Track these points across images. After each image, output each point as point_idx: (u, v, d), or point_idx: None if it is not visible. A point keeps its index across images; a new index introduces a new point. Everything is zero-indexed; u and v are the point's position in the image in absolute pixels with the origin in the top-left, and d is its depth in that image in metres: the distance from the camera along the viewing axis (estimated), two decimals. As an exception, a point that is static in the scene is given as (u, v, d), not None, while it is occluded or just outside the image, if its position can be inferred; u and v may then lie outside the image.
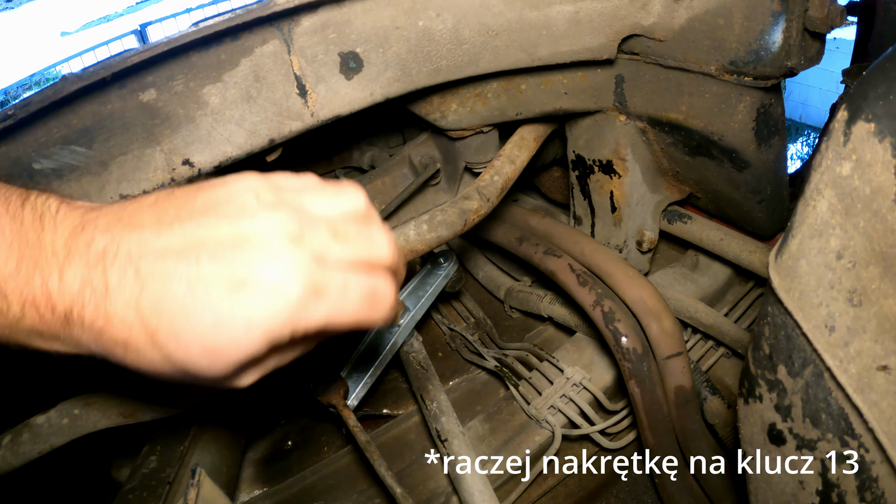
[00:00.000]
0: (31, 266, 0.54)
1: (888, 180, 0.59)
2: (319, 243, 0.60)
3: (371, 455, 1.10)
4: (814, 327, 0.68)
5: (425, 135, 1.48)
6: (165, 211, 0.57)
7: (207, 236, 0.56)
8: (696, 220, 1.50)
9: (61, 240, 0.55)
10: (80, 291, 0.54)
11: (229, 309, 0.55)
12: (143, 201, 0.59)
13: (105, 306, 0.54)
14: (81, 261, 0.54)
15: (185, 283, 0.55)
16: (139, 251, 0.55)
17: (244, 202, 0.59)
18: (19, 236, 0.54)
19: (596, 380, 1.34)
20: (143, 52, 0.86)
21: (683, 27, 1.13)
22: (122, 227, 0.56)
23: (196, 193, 0.59)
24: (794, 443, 0.76)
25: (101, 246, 0.55)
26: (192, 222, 0.57)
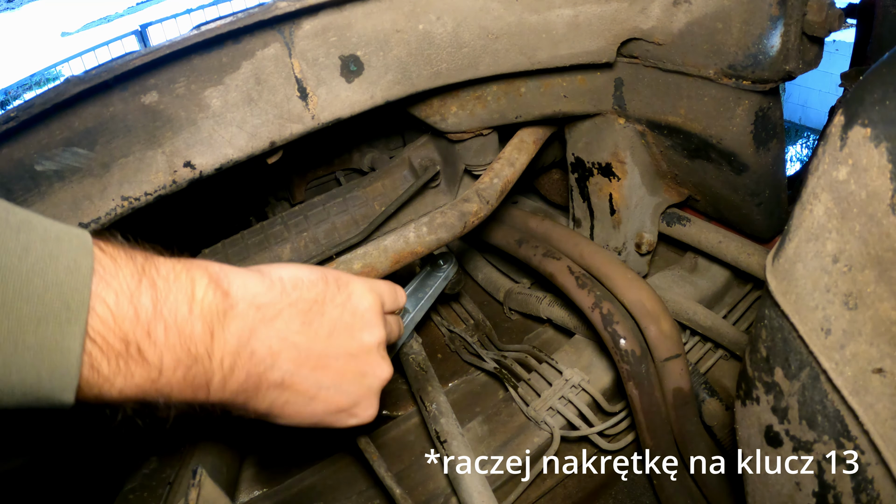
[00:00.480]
0: (199, 376, 0.61)
1: (884, 185, 0.59)
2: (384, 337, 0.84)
3: (370, 456, 1.10)
4: (810, 330, 0.69)
5: (425, 137, 1.48)
6: (317, 332, 0.73)
7: (338, 373, 0.77)
8: (694, 223, 1.51)
9: (229, 351, 0.64)
10: (235, 393, 0.66)
11: (328, 420, 0.80)
12: (297, 307, 0.72)
13: (247, 403, 0.69)
14: (243, 371, 0.66)
15: (310, 400, 0.75)
16: (291, 368, 0.71)
17: (369, 347, 0.80)
18: (189, 352, 0.60)
19: (595, 381, 1.35)
20: (145, 55, 0.87)
21: (682, 31, 1.14)
22: (280, 343, 0.69)
23: (340, 317, 0.77)
24: (791, 444, 0.76)
25: (260, 358, 0.67)
26: (332, 356, 0.76)
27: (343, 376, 0.77)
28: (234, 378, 0.64)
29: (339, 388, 0.77)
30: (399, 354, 1.38)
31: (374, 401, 0.84)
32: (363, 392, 0.80)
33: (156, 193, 0.96)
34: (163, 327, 0.57)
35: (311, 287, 0.74)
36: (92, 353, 0.53)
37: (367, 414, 0.83)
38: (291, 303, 0.71)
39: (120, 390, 0.56)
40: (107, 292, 0.54)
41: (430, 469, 1.25)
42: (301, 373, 0.72)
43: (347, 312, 0.77)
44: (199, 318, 0.60)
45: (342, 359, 0.76)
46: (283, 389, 0.71)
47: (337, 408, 0.78)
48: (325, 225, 1.37)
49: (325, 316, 0.74)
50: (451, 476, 1.13)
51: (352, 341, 0.77)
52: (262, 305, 0.68)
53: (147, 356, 0.56)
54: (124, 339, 0.55)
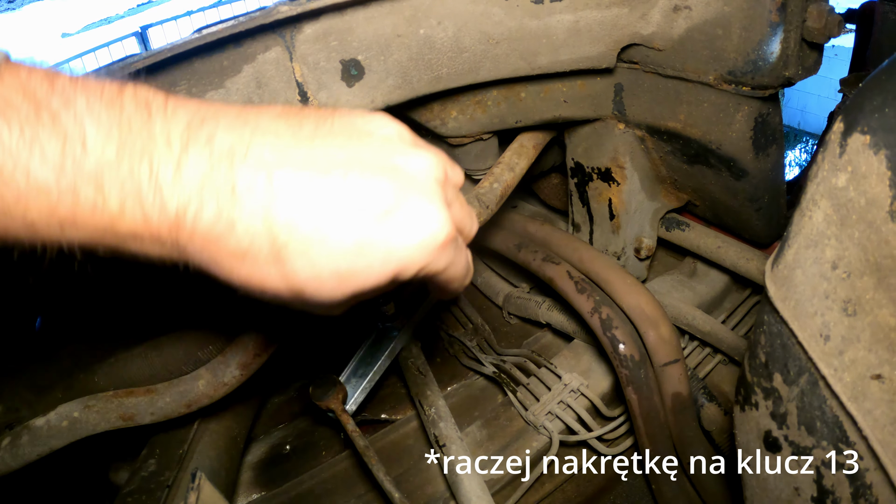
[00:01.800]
0: (136, 155, 0.45)
1: (883, 192, 0.59)
2: (453, 198, 0.60)
3: (369, 460, 1.10)
4: (809, 336, 0.69)
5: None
6: (300, 124, 0.53)
7: (354, 157, 0.53)
8: (693, 228, 1.51)
9: (177, 130, 0.47)
10: (199, 189, 0.47)
11: (372, 235, 0.51)
12: (267, 111, 0.53)
13: (229, 210, 0.48)
14: (202, 155, 0.47)
15: (327, 199, 0.50)
16: (274, 158, 0.50)
17: (388, 136, 0.57)
18: (119, 122, 0.45)
19: (593, 386, 1.35)
20: (147, 58, 0.87)
21: (682, 37, 1.14)
22: (249, 129, 0.50)
23: (330, 116, 0.56)
24: (790, 450, 0.76)
25: (225, 144, 0.48)
26: (334, 140, 0.53)
27: (358, 164, 0.52)
28: (192, 161, 0.47)
29: (360, 173, 0.52)
30: (398, 358, 1.38)
31: (433, 200, 0.54)
32: (401, 184, 0.53)
33: (156, 196, 0.96)
34: (84, 99, 0.45)
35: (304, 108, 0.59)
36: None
37: (428, 218, 0.54)
38: (268, 111, 0.54)
39: (25, 169, 0.43)
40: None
41: (428, 473, 1.25)
42: (292, 164, 0.50)
43: (350, 123, 0.56)
44: (131, 97, 0.47)
45: (350, 146, 0.54)
46: (272, 186, 0.49)
47: (372, 208, 0.51)
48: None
49: (322, 122, 0.55)
50: (450, 480, 1.13)
51: (355, 132, 0.56)
52: (217, 105, 0.52)
53: (62, 121, 0.43)
54: (33, 102, 0.43)
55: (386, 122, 0.58)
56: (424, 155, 0.56)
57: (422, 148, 0.57)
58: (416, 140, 0.59)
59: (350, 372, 1.23)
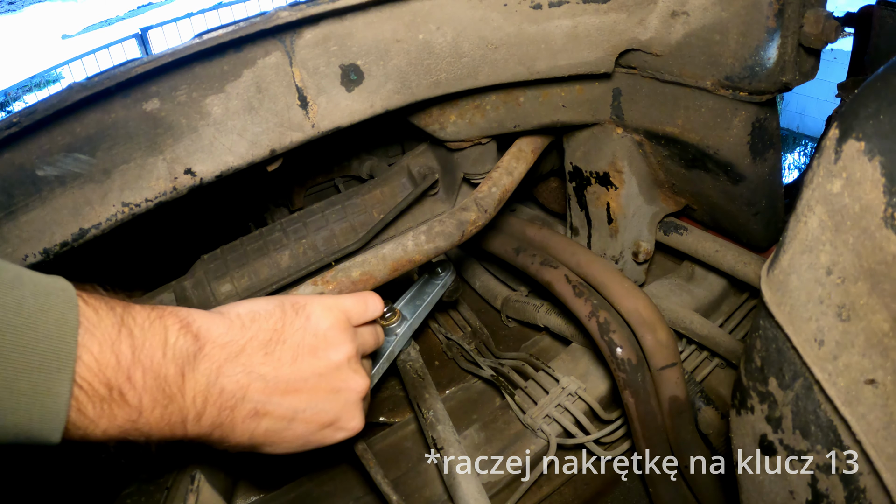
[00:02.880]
0: (174, 414, 0.67)
1: (877, 198, 0.60)
2: None
3: (367, 462, 1.10)
4: (804, 341, 0.69)
5: (424, 145, 1.49)
6: (281, 363, 0.78)
7: (313, 390, 0.81)
8: (691, 232, 1.52)
9: (200, 391, 0.69)
10: (210, 428, 0.72)
11: (315, 439, 0.85)
12: (257, 340, 0.77)
13: (228, 436, 0.74)
14: (215, 407, 0.71)
15: (289, 422, 0.79)
16: (262, 400, 0.76)
17: (338, 363, 0.83)
18: (164, 392, 0.66)
19: (591, 390, 1.35)
20: (148, 63, 0.87)
21: (680, 42, 1.14)
22: (247, 377, 0.74)
23: (301, 343, 0.81)
24: (785, 453, 0.77)
25: (230, 393, 0.72)
26: (301, 379, 0.80)
27: (316, 395, 0.81)
28: (207, 414, 0.70)
29: (315, 407, 0.81)
30: (396, 361, 1.38)
31: (356, 412, 0.87)
32: (341, 406, 0.85)
33: (156, 200, 0.96)
34: (141, 372, 0.63)
35: (268, 318, 0.79)
36: (78, 398, 0.59)
37: (352, 426, 0.87)
38: (252, 336, 0.76)
39: (104, 430, 0.62)
40: (91, 342, 0.60)
41: (426, 476, 1.26)
42: (273, 400, 0.77)
43: (309, 334, 0.82)
44: (172, 361, 0.66)
45: (312, 379, 0.81)
46: (258, 418, 0.76)
47: (318, 425, 0.83)
48: (324, 232, 1.38)
49: (287, 343, 0.79)
50: (448, 483, 1.14)
51: (318, 361, 0.81)
52: (226, 344, 0.73)
53: (128, 398, 0.62)
54: (107, 384, 0.61)
55: (339, 344, 0.84)
56: (357, 381, 0.86)
57: (358, 372, 0.87)
58: (356, 352, 0.88)
59: (349, 375, 1.23)
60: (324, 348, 0.82)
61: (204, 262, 1.30)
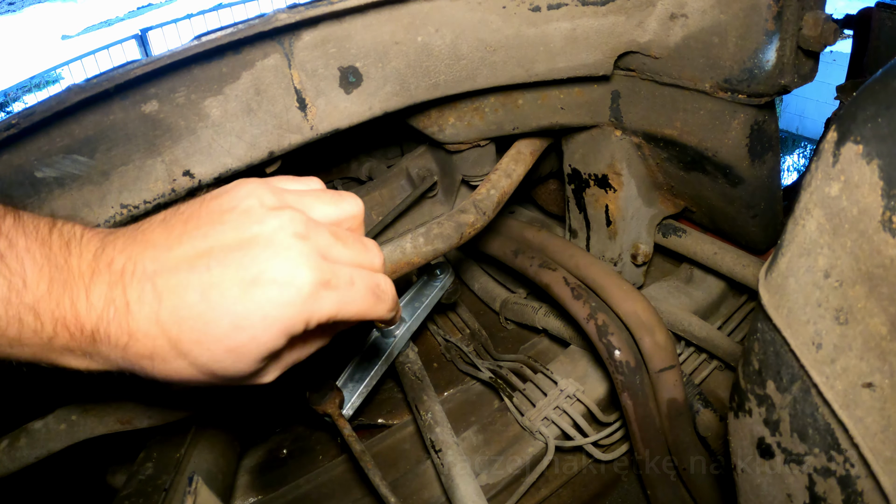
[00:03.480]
0: (60, 288, 0.57)
1: (875, 202, 0.60)
2: (323, 242, 0.65)
3: (366, 464, 1.10)
4: (801, 344, 0.69)
5: (423, 147, 1.49)
6: (173, 227, 0.62)
7: (215, 243, 0.61)
8: (690, 234, 1.52)
9: (86, 262, 0.59)
10: (104, 310, 0.58)
11: (244, 308, 0.59)
12: (154, 220, 0.63)
13: (128, 322, 0.58)
14: (103, 280, 0.59)
15: (199, 290, 0.59)
16: (154, 267, 0.59)
17: (248, 207, 0.63)
18: (49, 260, 0.57)
19: (589, 392, 1.35)
20: (147, 65, 0.87)
21: (679, 45, 1.14)
22: (136, 245, 0.60)
23: (200, 206, 0.64)
24: (783, 457, 0.77)
25: (119, 265, 0.59)
26: (198, 233, 0.61)
27: (223, 246, 0.61)
28: (96, 289, 0.58)
29: (224, 258, 0.60)
30: (395, 363, 1.38)
31: (293, 255, 0.61)
32: (261, 248, 0.61)
33: (154, 202, 0.96)
34: (23, 239, 0.57)
35: (180, 205, 0.66)
36: None
37: (288, 273, 0.61)
38: (151, 218, 0.64)
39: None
40: None
41: (425, 478, 1.26)
42: (167, 268, 0.60)
43: (210, 197, 0.65)
44: (58, 234, 0.60)
45: (213, 232, 0.62)
46: (158, 293, 0.59)
47: (238, 283, 0.59)
48: (323, 233, 1.37)
49: (184, 211, 0.64)
50: (446, 485, 1.14)
51: (221, 214, 0.63)
52: (118, 230, 0.64)
53: (7, 260, 0.56)
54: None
55: (249, 191, 0.65)
56: (278, 216, 0.63)
57: (279, 208, 0.64)
58: (279, 199, 0.66)
59: (347, 377, 1.23)
60: (226, 200, 0.64)
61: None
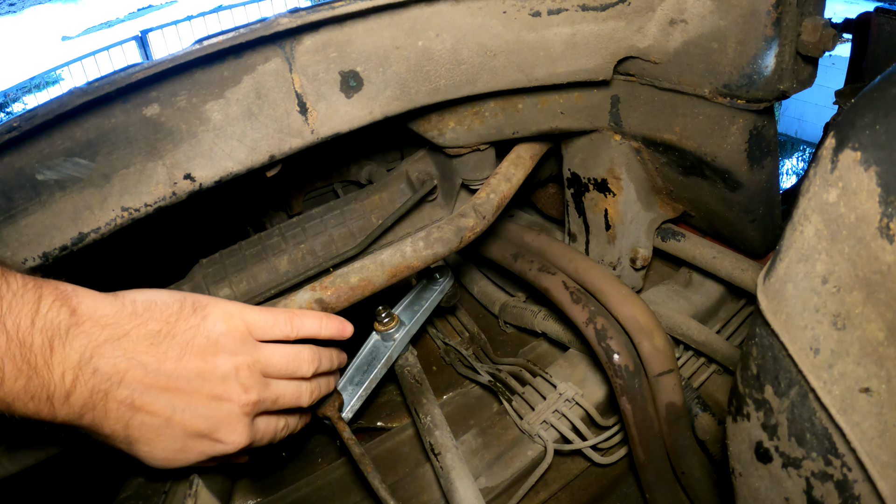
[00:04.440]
0: (39, 388, 0.64)
1: (872, 208, 0.60)
2: (264, 409, 0.87)
3: (365, 467, 1.10)
4: (799, 349, 0.70)
5: (423, 151, 1.49)
6: (167, 356, 0.75)
7: (193, 395, 0.77)
8: (689, 238, 1.52)
9: (70, 366, 0.66)
10: (81, 409, 0.68)
11: (189, 447, 0.79)
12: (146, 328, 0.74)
13: (101, 423, 0.71)
14: (86, 387, 0.68)
15: (165, 422, 0.75)
16: (139, 390, 0.72)
17: (226, 374, 0.80)
18: (28, 363, 0.63)
19: (588, 396, 1.35)
20: (148, 68, 0.88)
21: (678, 50, 1.15)
22: (126, 361, 0.71)
23: (192, 342, 0.78)
24: (780, 461, 0.77)
25: (105, 374, 0.69)
26: (184, 377, 0.76)
27: (195, 398, 0.77)
28: (77, 394, 0.67)
29: (194, 411, 0.77)
30: (394, 366, 1.39)
31: (239, 427, 0.82)
32: (222, 416, 0.80)
33: (156, 205, 0.97)
34: (4, 337, 0.61)
35: (164, 309, 0.77)
36: None
37: (231, 440, 0.82)
38: (140, 323, 0.73)
39: None
40: None
41: (424, 481, 1.26)
42: (150, 392, 0.73)
43: (200, 335, 0.79)
44: (41, 331, 0.64)
45: (194, 381, 0.77)
46: (134, 410, 0.73)
47: (195, 432, 0.78)
48: (323, 237, 1.38)
49: (176, 338, 0.76)
50: (445, 488, 1.14)
51: (203, 364, 0.78)
52: (109, 325, 0.71)
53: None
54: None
55: (230, 353, 0.81)
56: (241, 394, 0.81)
57: (246, 385, 0.82)
58: (250, 374, 0.83)
59: (346, 379, 1.23)
60: (212, 353, 0.79)
61: (202, 267, 1.31)
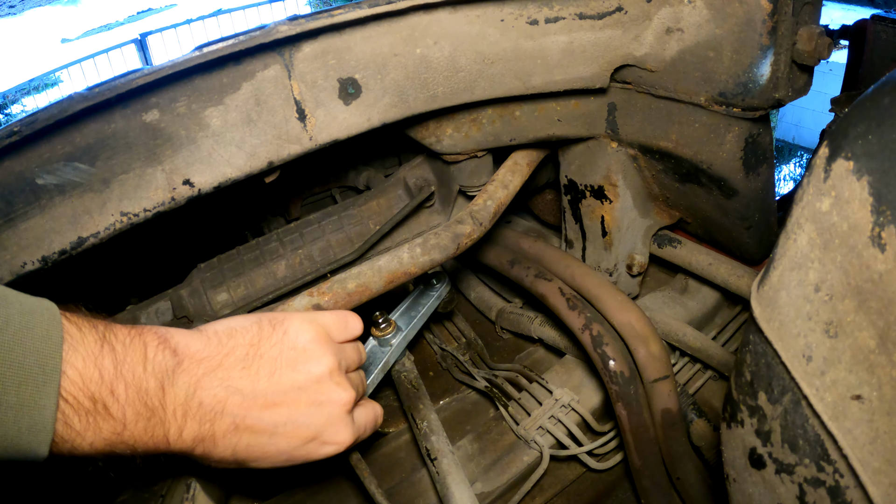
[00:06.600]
0: (157, 427, 0.69)
1: (865, 217, 0.61)
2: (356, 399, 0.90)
3: (361, 472, 1.11)
4: (792, 356, 0.70)
5: (420, 157, 1.50)
6: (258, 373, 0.78)
7: (292, 403, 0.80)
8: (685, 245, 1.53)
9: (179, 402, 0.71)
10: (192, 443, 0.73)
11: (300, 454, 0.83)
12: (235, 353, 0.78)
13: (211, 452, 0.75)
14: (195, 420, 0.72)
15: (270, 434, 0.79)
16: (241, 414, 0.76)
17: (320, 376, 0.83)
18: (146, 405, 0.68)
19: (584, 401, 1.36)
20: (148, 74, 0.88)
21: (675, 58, 1.16)
22: (224, 390, 0.75)
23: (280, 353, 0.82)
24: (774, 467, 0.78)
25: (209, 406, 0.73)
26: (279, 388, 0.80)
27: (297, 409, 0.81)
28: (188, 427, 0.72)
29: (296, 421, 0.81)
30: (391, 372, 1.39)
31: (342, 426, 0.86)
32: (324, 420, 0.84)
33: (154, 210, 0.97)
34: (123, 385, 0.66)
35: (244, 333, 0.80)
36: (64, 411, 0.61)
37: (339, 439, 0.86)
38: (228, 352, 0.78)
39: (90, 443, 0.64)
40: (75, 357, 0.63)
41: (420, 486, 1.26)
42: (252, 414, 0.77)
43: (287, 348, 0.82)
44: (153, 375, 0.69)
45: (291, 393, 0.81)
46: (239, 433, 0.76)
47: (302, 440, 0.82)
48: (321, 242, 1.38)
49: (264, 357, 0.80)
50: (442, 493, 1.14)
51: (297, 375, 0.81)
52: (204, 359, 0.75)
53: (112, 411, 0.65)
54: (91, 398, 0.63)
55: (320, 357, 0.84)
56: (340, 393, 0.85)
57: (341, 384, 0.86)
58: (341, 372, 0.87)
59: (343, 385, 1.23)
60: (303, 361, 0.83)
61: (200, 271, 1.31)
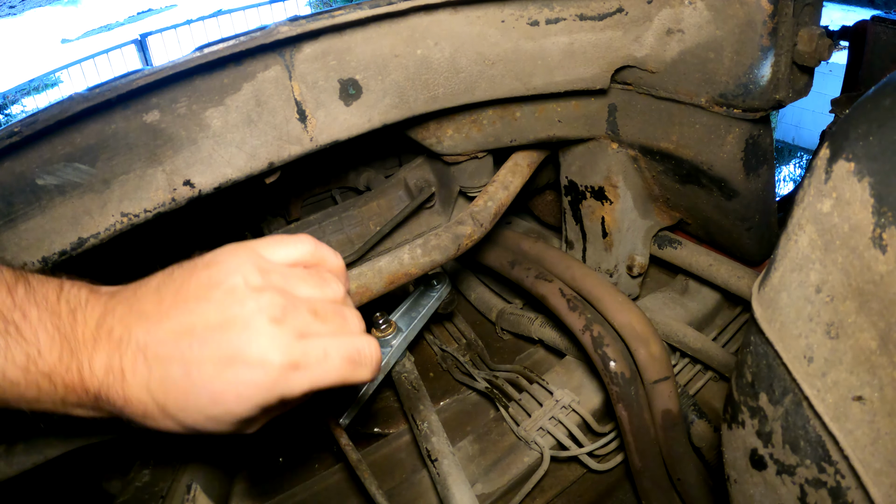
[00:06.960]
0: (69, 356, 0.64)
1: (866, 219, 0.61)
2: (300, 322, 0.70)
3: (362, 473, 1.11)
4: (793, 358, 0.70)
5: (421, 158, 1.50)
6: (164, 297, 0.68)
7: (198, 321, 0.67)
8: (685, 246, 1.53)
9: (90, 329, 0.66)
10: (104, 377, 0.65)
11: (220, 386, 0.66)
12: (150, 285, 0.70)
13: (123, 389, 0.66)
14: (104, 349, 0.66)
15: (182, 366, 0.66)
16: (145, 339, 0.66)
17: (233, 286, 0.69)
18: (59, 330, 0.64)
19: (584, 402, 1.36)
20: (149, 75, 0.88)
21: (675, 60, 1.16)
22: (132, 315, 0.67)
23: (191, 275, 0.70)
24: (775, 468, 0.78)
25: (117, 334, 0.66)
26: (185, 307, 0.68)
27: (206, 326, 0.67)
28: (98, 358, 0.65)
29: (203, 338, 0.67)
30: (391, 373, 1.39)
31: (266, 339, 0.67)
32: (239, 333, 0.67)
33: (155, 211, 0.97)
34: (35, 309, 0.64)
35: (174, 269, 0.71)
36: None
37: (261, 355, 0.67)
38: (143, 283, 0.71)
39: (2, 371, 0.62)
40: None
41: (421, 487, 1.26)
42: (157, 337, 0.66)
43: (200, 268, 0.71)
44: (65, 303, 0.66)
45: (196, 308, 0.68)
46: (149, 364, 0.66)
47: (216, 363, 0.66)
48: (321, 243, 1.38)
49: (175, 279, 0.70)
50: (442, 494, 1.14)
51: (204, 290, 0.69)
52: (118, 291, 0.70)
53: (23, 332, 0.62)
54: (3, 318, 0.62)
55: (235, 266, 0.71)
56: (258, 298, 0.68)
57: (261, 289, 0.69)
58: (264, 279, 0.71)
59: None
60: (215, 275, 0.69)
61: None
